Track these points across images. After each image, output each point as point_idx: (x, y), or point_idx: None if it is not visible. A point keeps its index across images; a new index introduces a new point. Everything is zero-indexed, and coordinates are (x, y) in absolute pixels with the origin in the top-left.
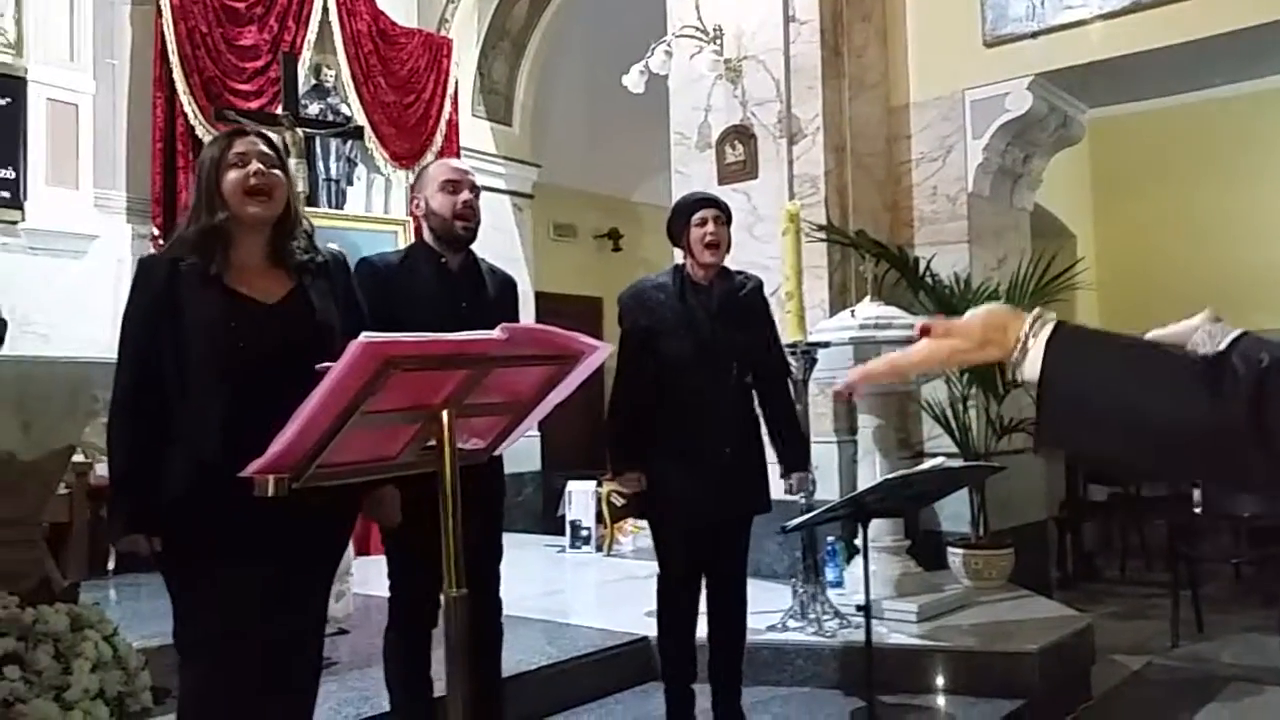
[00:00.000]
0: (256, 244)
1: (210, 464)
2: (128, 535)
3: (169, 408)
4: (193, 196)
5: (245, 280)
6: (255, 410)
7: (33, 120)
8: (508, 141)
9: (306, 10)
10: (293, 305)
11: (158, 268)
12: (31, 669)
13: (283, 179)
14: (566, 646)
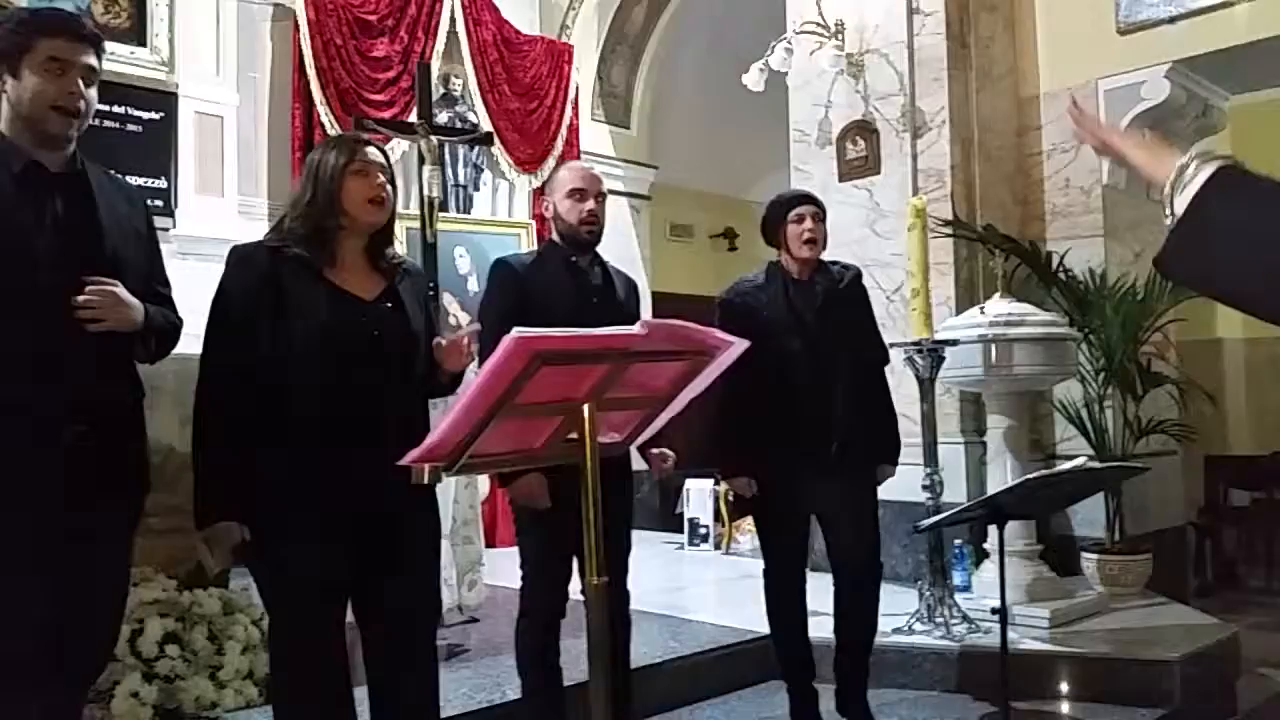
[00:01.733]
0: (358, 245)
1: (305, 449)
2: (221, 523)
3: (262, 394)
4: (303, 191)
5: (345, 277)
6: (347, 397)
7: (182, 133)
8: (625, 144)
9: (435, 21)
10: (387, 304)
11: (259, 255)
12: (189, 649)
13: (392, 189)
14: (689, 642)
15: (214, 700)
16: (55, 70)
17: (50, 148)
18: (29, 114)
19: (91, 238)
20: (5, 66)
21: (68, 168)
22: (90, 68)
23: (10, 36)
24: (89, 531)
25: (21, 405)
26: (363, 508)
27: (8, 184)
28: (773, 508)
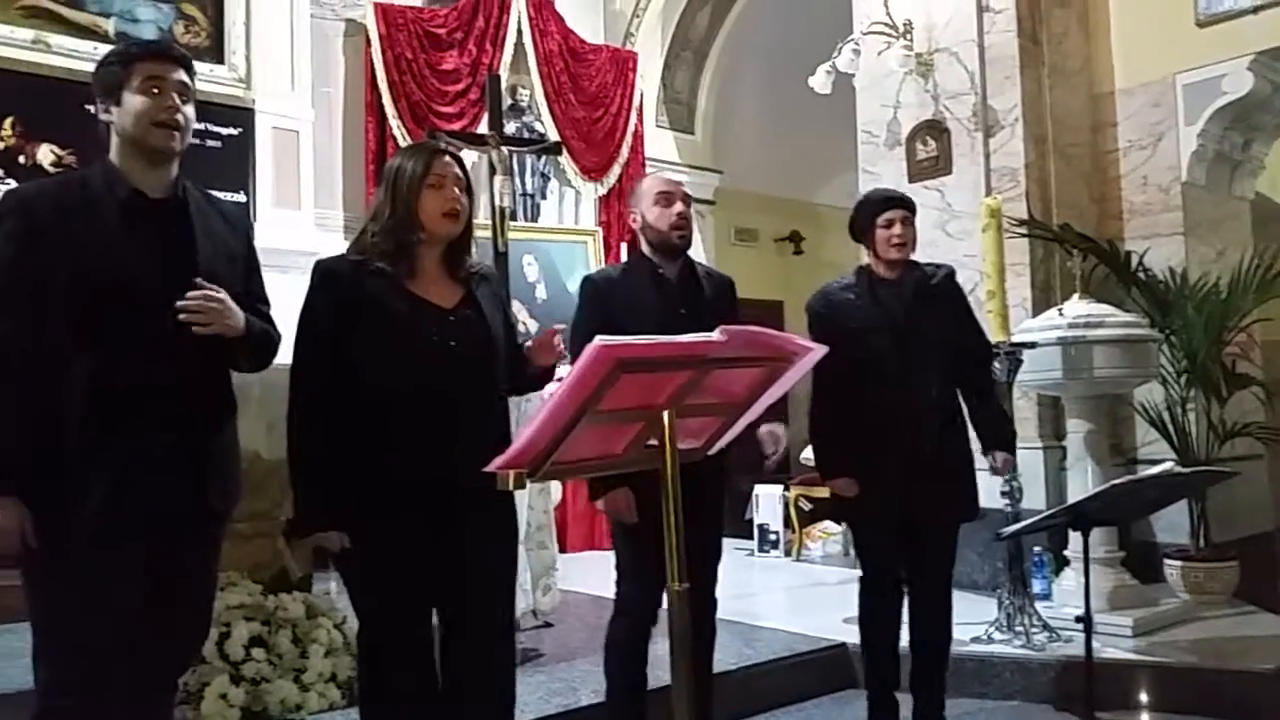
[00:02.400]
0: (436, 255)
1: (391, 457)
2: (318, 532)
3: (350, 405)
4: (383, 203)
5: (424, 286)
6: (430, 405)
7: (260, 148)
8: (690, 149)
9: (502, 34)
10: (466, 311)
11: (342, 270)
12: (274, 652)
13: (468, 199)
14: (763, 649)
15: (298, 703)
16: (153, 89)
17: (157, 164)
18: (133, 134)
19: (186, 261)
20: (110, 99)
21: (169, 193)
22: (184, 84)
23: (108, 70)
24: (180, 539)
25: (119, 418)
26: (447, 512)
27: (111, 212)
28: (867, 511)
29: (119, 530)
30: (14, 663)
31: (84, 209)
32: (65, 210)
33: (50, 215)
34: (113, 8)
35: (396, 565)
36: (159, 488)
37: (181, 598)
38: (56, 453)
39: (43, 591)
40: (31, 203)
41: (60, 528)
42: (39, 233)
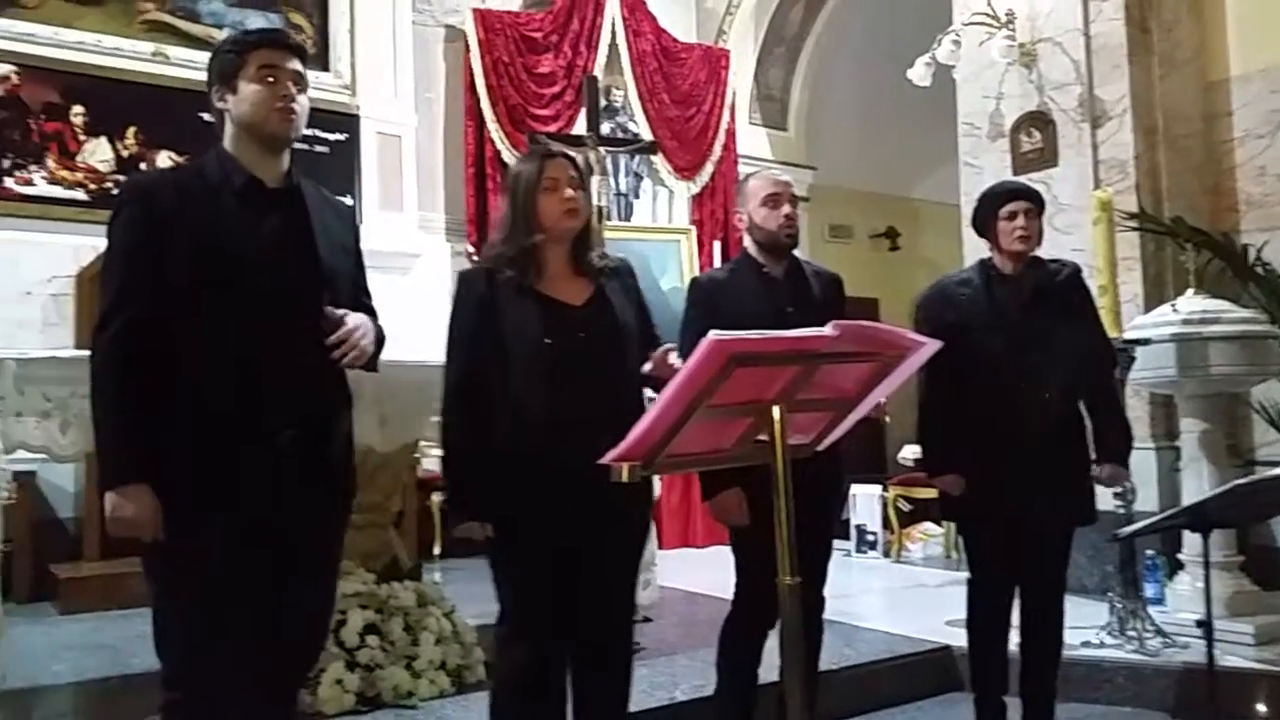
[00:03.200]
0: (561, 253)
1: (529, 454)
2: (466, 522)
3: (493, 403)
4: (506, 211)
5: (553, 286)
6: (567, 401)
7: (365, 152)
8: (783, 146)
9: (596, 35)
10: (596, 306)
11: (477, 279)
12: (387, 639)
13: (585, 196)
14: (864, 649)
15: (410, 689)
16: (268, 78)
17: (272, 152)
18: (250, 120)
19: (306, 249)
20: (225, 87)
21: (284, 183)
22: (299, 73)
23: (224, 58)
24: (303, 532)
25: (238, 410)
26: (581, 505)
27: (229, 199)
28: (977, 512)
29: (237, 522)
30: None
31: (203, 196)
32: (185, 197)
33: (171, 202)
34: (225, 19)
35: (542, 562)
36: (282, 478)
37: (307, 589)
38: (180, 443)
39: (165, 583)
40: (152, 190)
41: (183, 519)
42: (160, 220)
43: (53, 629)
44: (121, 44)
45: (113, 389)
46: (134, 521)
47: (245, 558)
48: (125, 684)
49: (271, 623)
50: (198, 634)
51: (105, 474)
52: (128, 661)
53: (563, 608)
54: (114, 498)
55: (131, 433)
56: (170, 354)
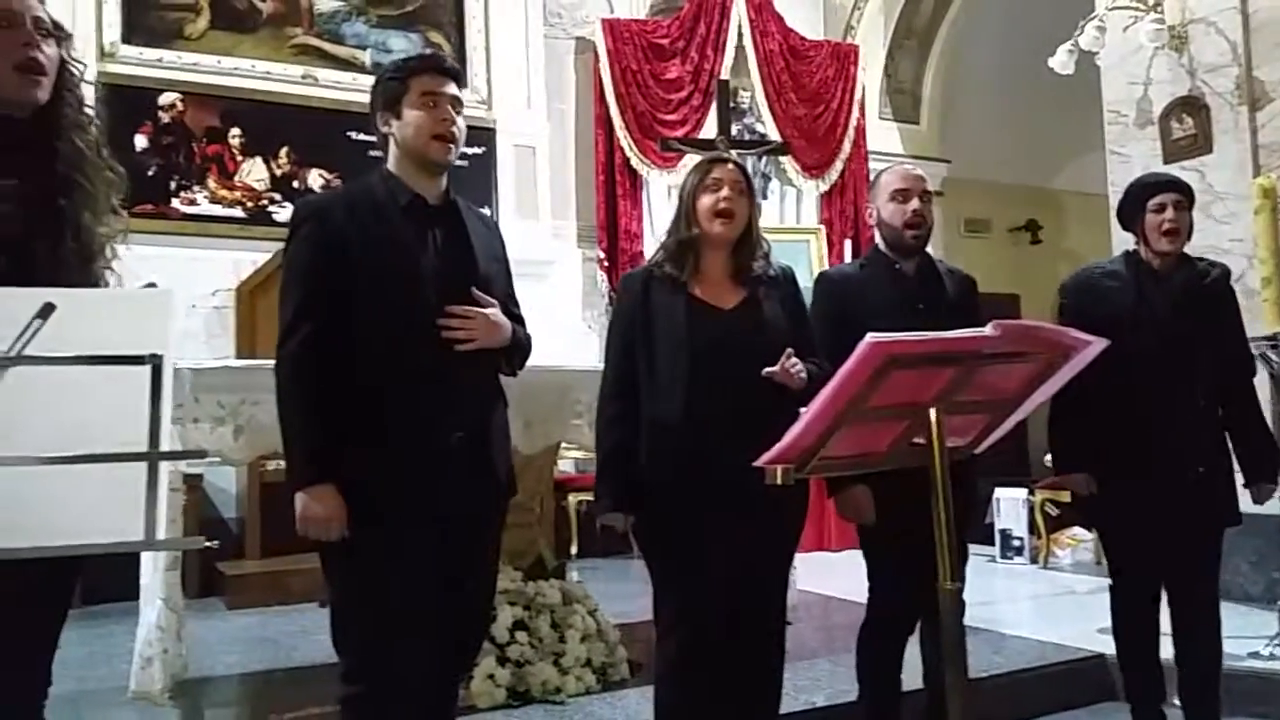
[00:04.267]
0: (720, 259)
1: (675, 449)
2: (611, 512)
3: (642, 399)
4: (674, 215)
5: (707, 289)
6: (711, 402)
7: (501, 164)
8: (915, 140)
9: (723, 39)
10: (744, 311)
11: (635, 279)
12: (535, 635)
13: (745, 202)
14: (1013, 657)
15: (558, 685)
16: (429, 104)
17: (431, 175)
18: (413, 146)
19: (467, 261)
20: (390, 112)
21: (443, 199)
22: (456, 98)
23: (388, 84)
24: (469, 529)
25: (411, 414)
26: (729, 506)
27: (396, 216)
28: (1117, 514)
29: (413, 520)
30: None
31: (372, 214)
32: (355, 216)
33: (343, 221)
34: (368, 40)
35: (698, 560)
36: (449, 479)
37: (469, 585)
38: (360, 446)
39: (342, 579)
40: (325, 209)
41: (363, 518)
42: (334, 237)
43: (221, 623)
44: (273, 68)
45: (298, 397)
46: (321, 520)
47: (418, 554)
48: (289, 676)
49: (440, 617)
50: (375, 629)
51: (294, 476)
52: (290, 655)
53: (715, 600)
54: (303, 498)
55: (316, 437)
56: (348, 362)
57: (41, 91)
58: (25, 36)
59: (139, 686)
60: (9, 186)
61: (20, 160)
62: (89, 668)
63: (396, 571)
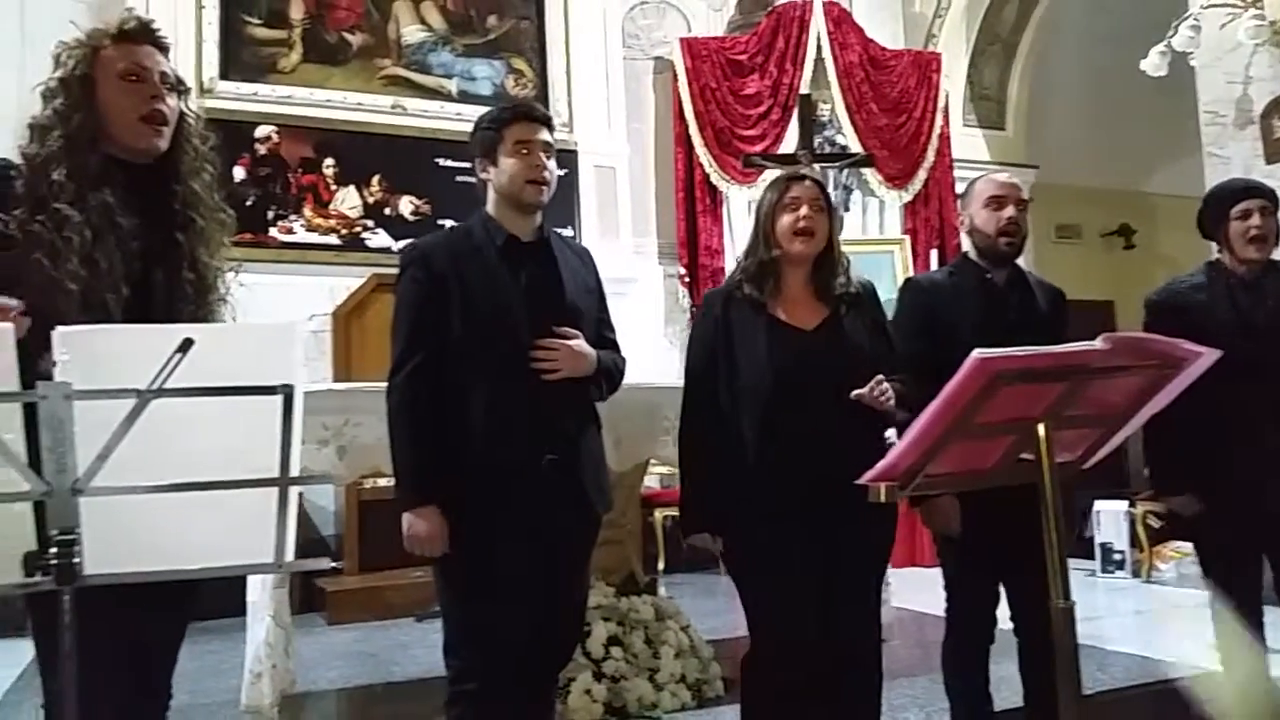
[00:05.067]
0: (800, 277)
1: (756, 469)
2: (698, 533)
3: (724, 419)
4: (752, 233)
5: (788, 309)
6: (794, 423)
7: (583, 185)
8: (1001, 146)
9: (802, 52)
10: (827, 331)
11: (715, 299)
12: (629, 651)
13: (825, 219)
14: (1118, 674)
15: (654, 701)
16: (523, 151)
17: (526, 214)
18: (509, 191)
19: (556, 295)
20: (487, 160)
21: (536, 236)
22: (547, 143)
23: (485, 134)
24: (563, 545)
25: (507, 438)
26: (815, 525)
27: (492, 255)
28: (1218, 535)
29: (506, 537)
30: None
31: (471, 255)
32: (456, 257)
33: (445, 262)
34: (454, 69)
35: (779, 570)
36: (539, 500)
37: (564, 597)
38: (463, 469)
39: (452, 590)
40: (429, 252)
41: (465, 535)
42: (438, 278)
43: (322, 638)
44: (364, 99)
45: (405, 425)
46: (426, 538)
47: (517, 568)
48: (389, 690)
49: (538, 625)
50: (478, 635)
51: (401, 497)
52: (389, 670)
53: (807, 626)
54: (409, 517)
55: (423, 461)
56: (450, 392)
57: (162, 141)
58: (152, 90)
59: (250, 701)
60: (133, 225)
61: (142, 202)
62: (198, 681)
63: (495, 583)
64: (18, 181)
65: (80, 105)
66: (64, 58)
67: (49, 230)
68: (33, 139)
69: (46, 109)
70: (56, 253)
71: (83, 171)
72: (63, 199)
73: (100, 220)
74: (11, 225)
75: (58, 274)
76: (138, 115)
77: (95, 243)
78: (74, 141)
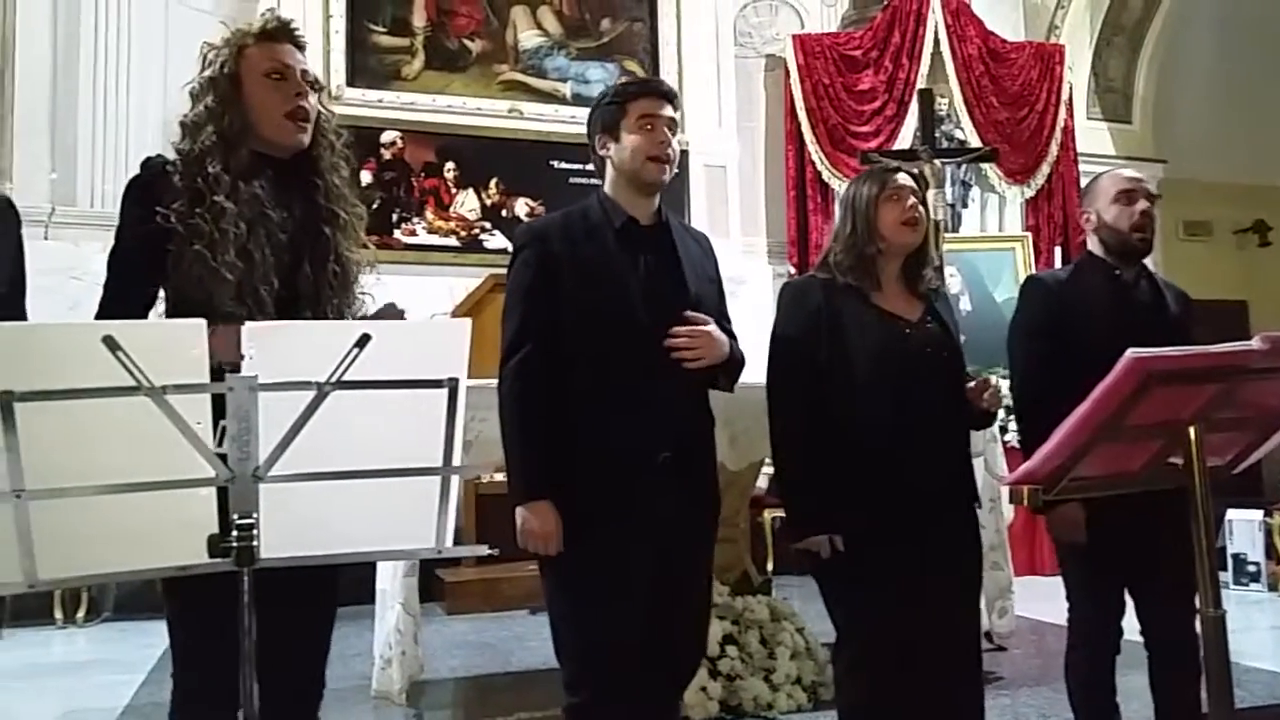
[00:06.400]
0: (896, 268)
1: (874, 464)
2: (808, 536)
3: (835, 418)
4: (841, 224)
5: (890, 300)
6: (908, 416)
7: (693, 185)
8: (1127, 140)
9: (919, 46)
10: (928, 323)
11: (811, 289)
12: (745, 651)
13: (925, 211)
14: (1259, 691)
15: (769, 701)
16: (646, 126)
17: (646, 195)
18: (630, 168)
19: (678, 281)
20: (608, 135)
21: (655, 220)
22: (672, 120)
23: (607, 109)
24: (682, 544)
25: (623, 432)
26: (919, 524)
27: (610, 238)
28: None
29: (622, 535)
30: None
31: (588, 237)
32: (572, 239)
33: (561, 244)
34: (568, 73)
35: (881, 574)
36: (656, 497)
37: (683, 600)
38: (576, 462)
39: (562, 590)
40: (544, 234)
41: (577, 532)
42: (552, 260)
43: (443, 628)
44: (483, 104)
45: (518, 416)
46: (539, 535)
47: (633, 568)
48: (508, 680)
49: (658, 631)
50: (591, 639)
51: (514, 491)
52: (507, 660)
53: (901, 633)
54: (523, 513)
55: (536, 454)
56: (567, 381)
57: (305, 136)
58: (296, 88)
59: (380, 686)
60: (281, 218)
61: (288, 196)
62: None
63: (609, 583)
64: (175, 176)
65: (230, 102)
66: (211, 57)
67: (207, 223)
68: (185, 136)
69: (197, 106)
70: (214, 244)
71: (235, 165)
72: (219, 192)
73: (253, 213)
74: (172, 219)
75: (216, 265)
76: (283, 112)
77: (250, 235)
78: (226, 137)
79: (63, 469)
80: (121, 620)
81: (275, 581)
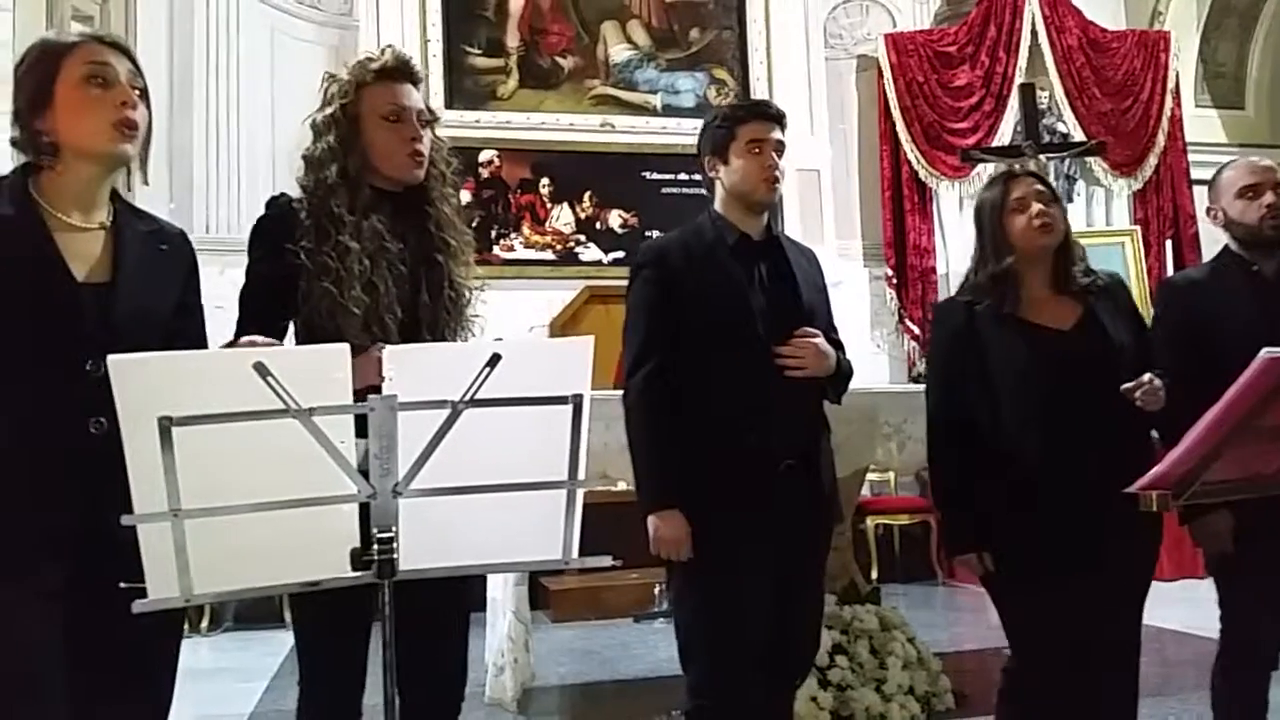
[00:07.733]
0: (1041, 275)
1: (1026, 481)
2: (964, 554)
3: (982, 434)
4: (978, 240)
5: (1037, 311)
6: (1062, 436)
7: (787, 190)
8: (1240, 127)
9: (1015, 39)
10: (1086, 329)
11: (953, 311)
12: (855, 660)
13: (1058, 209)
14: None
15: (881, 712)
16: (755, 150)
17: (756, 213)
18: (741, 190)
19: (791, 293)
20: (717, 158)
21: (766, 235)
22: (781, 142)
23: (717, 132)
24: (800, 552)
25: (745, 441)
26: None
27: (725, 255)
28: None
29: (756, 540)
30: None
31: (705, 254)
32: (690, 256)
33: (680, 262)
34: (658, 84)
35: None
36: (785, 501)
37: (803, 606)
38: (703, 472)
39: (688, 597)
40: (665, 252)
41: (706, 538)
42: (672, 277)
43: (548, 635)
44: (576, 119)
45: (646, 427)
46: (672, 541)
47: (757, 575)
48: (615, 688)
49: (777, 633)
50: (722, 642)
51: (645, 500)
52: (615, 667)
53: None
54: (654, 521)
55: (664, 463)
56: (689, 391)
57: (421, 172)
58: (412, 131)
59: (493, 693)
60: (399, 250)
61: (403, 227)
62: None
63: (735, 590)
64: (301, 213)
65: (350, 141)
66: (332, 91)
67: (334, 260)
68: (308, 170)
69: (319, 143)
70: (341, 281)
71: (358, 203)
72: (344, 231)
73: (375, 246)
74: (301, 256)
75: (344, 300)
76: (405, 152)
77: (373, 268)
78: (348, 175)
79: (215, 489)
80: (243, 630)
81: (410, 594)
